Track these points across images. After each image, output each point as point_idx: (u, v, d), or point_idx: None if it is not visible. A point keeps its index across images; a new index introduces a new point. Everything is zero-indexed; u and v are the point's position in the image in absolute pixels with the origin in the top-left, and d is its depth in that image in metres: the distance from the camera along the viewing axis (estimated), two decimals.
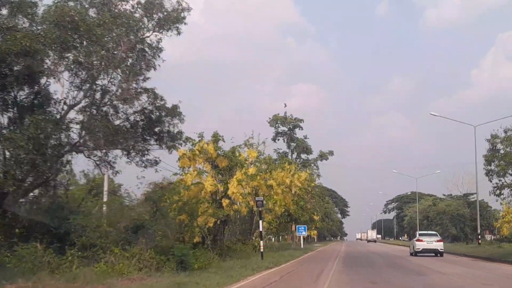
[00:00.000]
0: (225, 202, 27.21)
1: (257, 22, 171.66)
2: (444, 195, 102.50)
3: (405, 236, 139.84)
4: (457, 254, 37.22)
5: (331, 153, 57.42)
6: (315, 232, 72.62)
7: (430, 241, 36.41)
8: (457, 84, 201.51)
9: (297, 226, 45.31)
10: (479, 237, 52.34)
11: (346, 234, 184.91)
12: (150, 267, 17.04)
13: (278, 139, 57.04)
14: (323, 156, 57.29)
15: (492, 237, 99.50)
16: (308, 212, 56.38)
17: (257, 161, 34.47)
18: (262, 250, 25.82)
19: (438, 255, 35.56)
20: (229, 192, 27.19)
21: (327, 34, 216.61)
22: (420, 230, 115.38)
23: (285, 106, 71.36)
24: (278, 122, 56.31)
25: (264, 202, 37.85)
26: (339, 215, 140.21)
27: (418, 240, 37.16)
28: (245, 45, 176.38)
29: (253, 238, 34.88)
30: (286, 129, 56.89)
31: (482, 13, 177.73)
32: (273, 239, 54.61)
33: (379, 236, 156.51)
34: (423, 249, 35.86)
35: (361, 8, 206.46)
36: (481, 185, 51.48)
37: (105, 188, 33.15)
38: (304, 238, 77.38)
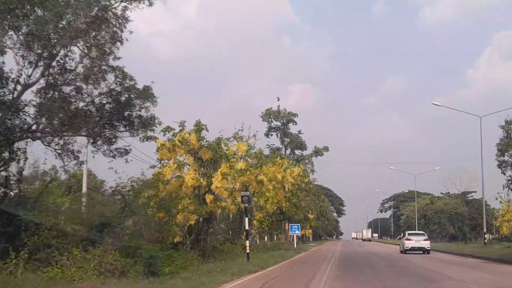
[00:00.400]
0: (208, 198, 24.74)
1: (253, 20, 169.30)
2: (442, 193, 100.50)
3: (402, 235, 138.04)
4: (462, 254, 34.81)
5: (326, 149, 54.97)
6: (310, 231, 70.26)
7: (418, 240, 38.74)
8: (453, 83, 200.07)
9: (290, 224, 42.96)
10: (485, 236, 49.91)
11: (342, 233, 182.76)
12: (114, 272, 14.62)
13: (271, 134, 54.60)
14: (318, 152, 54.84)
15: (490, 236, 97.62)
16: (302, 210, 54.07)
17: (247, 155, 32.16)
18: (248, 251, 23.36)
19: (426, 252, 37.59)
20: (213, 187, 24.72)
21: (323, 33, 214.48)
22: (418, 229, 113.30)
23: (278, 100, 67.38)
24: (271, 117, 53.84)
25: (255, 199, 35.52)
26: (335, 214, 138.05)
27: (407, 239, 39.28)
28: (241, 42, 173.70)
29: (243, 237, 32.48)
30: (280, 124, 54.43)
31: (478, 12, 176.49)
32: (266, 238, 52.18)
33: (376, 235, 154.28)
34: (411, 247, 38.16)
35: (357, 7, 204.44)
36: (480, 182, 49.49)
37: (84, 183, 30.74)
38: (298, 238, 75.09)
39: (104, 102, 17.04)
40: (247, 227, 24.90)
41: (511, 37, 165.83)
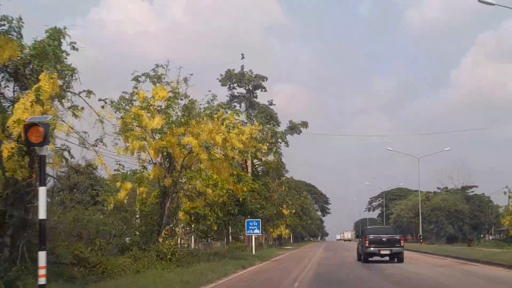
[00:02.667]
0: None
1: (241, 21, 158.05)
2: (439, 188, 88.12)
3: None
4: (485, 262, 22.21)
5: (304, 124, 42.36)
6: (287, 231, 57.40)
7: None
8: (437, 84, 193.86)
9: (246, 220, 30.05)
10: None
11: (327, 234, 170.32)
12: None
13: (234, 106, 41.75)
14: (294, 129, 42.19)
15: (490, 237, 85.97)
16: (274, 203, 41.30)
17: (170, 106, 19.60)
18: None
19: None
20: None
21: (310, 34, 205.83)
22: (412, 229, 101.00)
23: (243, 57, 44.18)
24: (233, 81, 40.99)
25: (183, 180, 22.64)
26: (319, 213, 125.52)
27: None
28: (229, 44, 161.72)
29: (160, 240, 19.56)
30: (245, 92, 41.61)
31: (463, 13, 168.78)
32: (225, 240, 39.27)
33: None
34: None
35: (344, 8, 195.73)
36: (480, 177, 38.23)
37: None
38: (274, 239, 62.26)
39: None
40: None
41: (496, 38, 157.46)
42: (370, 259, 26.08)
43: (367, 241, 25.74)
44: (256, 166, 42.37)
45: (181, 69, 20.56)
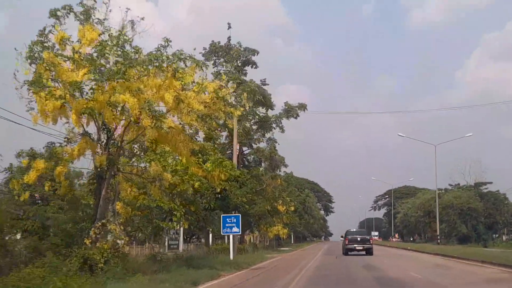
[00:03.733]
0: None
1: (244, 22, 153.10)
2: (450, 185, 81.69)
3: (396, 236, 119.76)
4: None
5: (302, 107, 36.35)
6: (285, 230, 51.35)
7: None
8: (441, 84, 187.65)
9: (222, 216, 23.90)
10: None
11: (331, 234, 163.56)
12: None
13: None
14: (290, 111, 36.21)
15: (504, 237, 79.73)
16: (268, 198, 35.40)
17: (102, 52, 13.70)
18: None
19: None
20: None
21: (313, 34, 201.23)
22: (421, 229, 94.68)
23: (229, 27, 37.27)
24: (219, 55, 35.03)
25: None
26: (322, 212, 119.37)
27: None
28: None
29: (87, 241, 13.69)
30: (232, 68, 35.60)
31: (467, 13, 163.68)
32: (210, 241, 33.31)
33: (376, 235, 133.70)
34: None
35: (348, 7, 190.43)
36: (492, 174, 32.30)
37: None
38: (275, 239, 56.33)
39: None
40: None
41: (501, 39, 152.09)
42: (349, 253, 33.91)
43: (347, 240, 34.80)
44: (246, 154, 36.53)
45: (128, 11, 14.66)
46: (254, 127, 36.64)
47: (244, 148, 36.21)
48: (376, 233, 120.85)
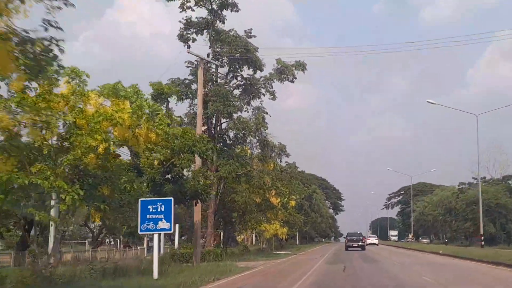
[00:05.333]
0: None
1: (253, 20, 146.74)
2: (474, 178, 71.79)
3: (411, 236, 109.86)
4: None
5: (301, 66, 27.31)
6: (284, 229, 42.29)
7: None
8: (453, 83, 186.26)
9: (140, 200, 14.86)
10: None
11: (341, 235, 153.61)
12: None
13: (193, 39, 26.91)
14: (284, 72, 27.22)
15: None
16: (255, 186, 26.49)
17: None
18: None
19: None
20: None
21: (324, 33, 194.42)
22: (439, 228, 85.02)
23: None
24: None
25: None
26: (331, 210, 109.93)
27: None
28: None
29: None
30: (206, 15, 26.68)
31: (479, 11, 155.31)
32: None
33: (395, 235, 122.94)
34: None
35: (358, 6, 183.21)
36: None
37: None
38: (273, 241, 47.33)
39: None
40: None
41: None
42: (349, 249, 45.58)
43: (347, 240, 49.44)
44: (225, 129, 27.66)
45: None
46: (237, 92, 27.87)
47: (223, 121, 27.32)
48: (395, 233, 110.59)
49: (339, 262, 25.13)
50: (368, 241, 71.18)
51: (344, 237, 57.82)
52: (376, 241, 77.48)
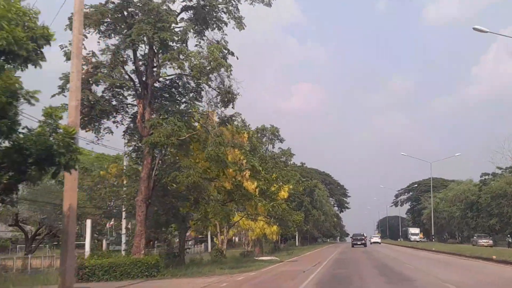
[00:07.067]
0: None
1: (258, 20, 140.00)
2: (499, 168, 61.92)
3: (421, 235, 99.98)
4: None
5: None
6: (274, 228, 32.75)
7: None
8: (457, 81, 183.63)
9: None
10: None
11: (347, 235, 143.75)
12: None
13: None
14: None
15: None
16: (212, 158, 17.01)
17: None
18: None
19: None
20: None
21: (327, 32, 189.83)
22: (456, 226, 75.42)
23: None
24: None
25: None
26: (335, 208, 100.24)
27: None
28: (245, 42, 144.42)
29: None
30: None
31: (483, 8, 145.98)
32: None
33: (418, 234, 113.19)
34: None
35: (361, 4, 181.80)
36: None
37: None
38: (221, 243, 37.34)
39: None
40: None
41: None
42: (354, 246, 61.06)
43: (352, 239, 66.20)
44: (157, 67, 18.21)
45: None
46: (185, 17, 18.40)
47: (159, 71, 17.80)
48: (417, 231, 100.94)
49: (343, 279, 15.34)
50: (372, 240, 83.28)
51: (351, 237, 74.00)
52: (379, 240, 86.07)
